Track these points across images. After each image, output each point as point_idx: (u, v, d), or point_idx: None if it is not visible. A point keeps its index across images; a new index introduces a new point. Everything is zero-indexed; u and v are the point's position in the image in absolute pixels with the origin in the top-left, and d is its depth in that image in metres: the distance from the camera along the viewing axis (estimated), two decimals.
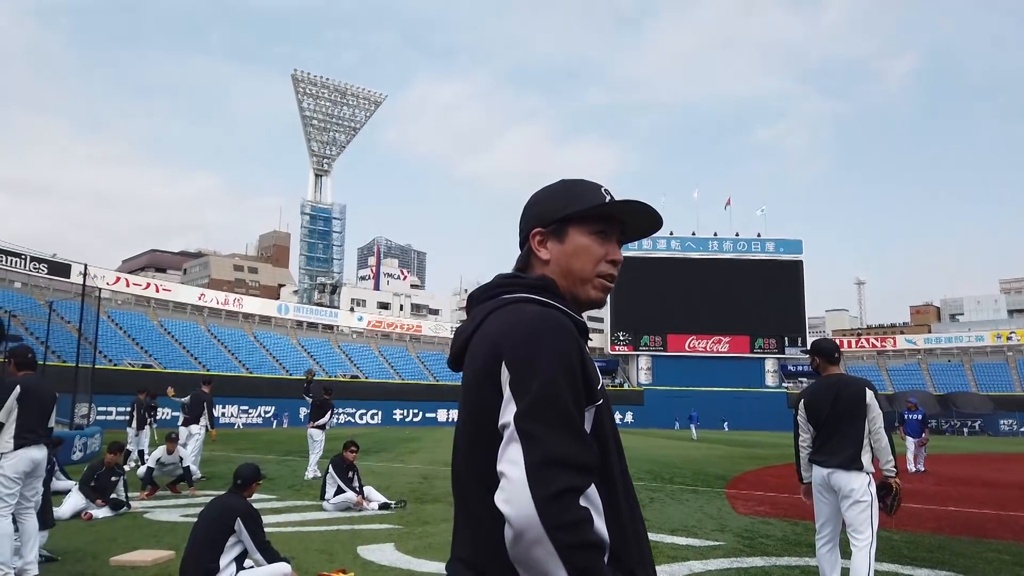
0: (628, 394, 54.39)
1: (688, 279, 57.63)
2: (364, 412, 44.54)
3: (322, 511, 8.88)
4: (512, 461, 1.06)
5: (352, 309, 64.17)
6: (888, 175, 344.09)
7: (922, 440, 16.48)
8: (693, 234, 60.48)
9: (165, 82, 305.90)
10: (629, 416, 51.38)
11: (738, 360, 58.21)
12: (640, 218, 1.37)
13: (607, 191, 1.36)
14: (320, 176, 72.66)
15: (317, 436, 13.40)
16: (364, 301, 72.65)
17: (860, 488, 4.29)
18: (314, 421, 13.51)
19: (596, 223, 1.34)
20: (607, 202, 1.33)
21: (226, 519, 5.01)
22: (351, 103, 72.68)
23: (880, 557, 5.26)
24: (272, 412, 40.64)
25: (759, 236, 60.91)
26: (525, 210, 1.42)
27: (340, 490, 9.01)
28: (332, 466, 9.17)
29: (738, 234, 60.92)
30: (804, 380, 56.21)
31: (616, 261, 1.36)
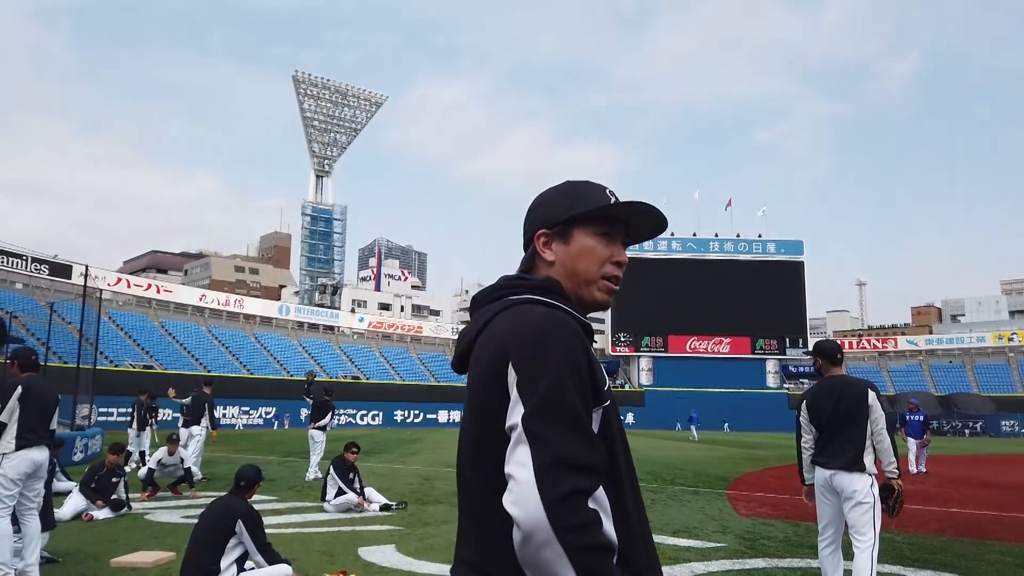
0: (629, 395, 54.32)
1: (689, 280, 57.59)
2: (365, 413, 44.54)
3: (323, 512, 8.88)
4: (520, 463, 1.05)
5: (353, 310, 64.24)
6: (889, 176, 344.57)
7: (924, 441, 16.48)
8: (694, 235, 60.44)
9: (166, 83, 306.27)
10: (630, 417, 51.34)
11: (739, 361, 58.17)
12: (645, 219, 1.37)
13: (612, 192, 1.36)
14: (321, 177, 72.75)
15: (318, 437, 13.41)
16: (365, 302, 72.77)
17: (863, 489, 4.28)
18: (315, 422, 13.53)
19: (601, 224, 1.34)
20: (612, 203, 1.33)
21: (227, 520, 5.01)
22: (352, 104, 72.76)
23: (882, 559, 5.25)
24: (273, 413, 40.64)
25: (760, 237, 60.87)
26: (529, 211, 1.41)
27: (341, 491, 9.01)
28: (333, 467, 9.18)
29: (739, 235, 60.87)
30: (805, 381, 56.18)
31: (621, 263, 1.36)
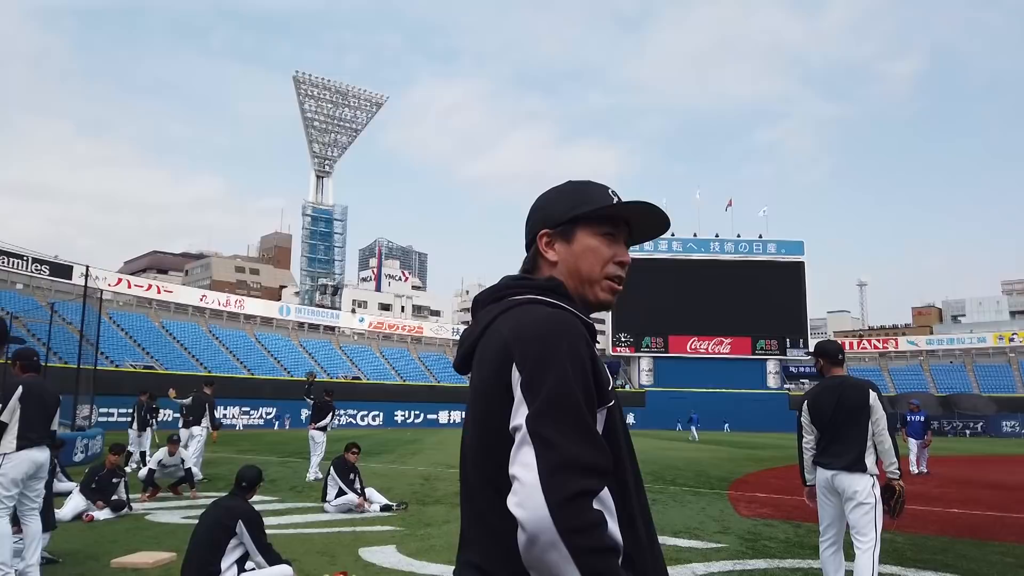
0: (630, 396, 54.27)
1: (690, 280, 57.54)
2: (365, 414, 44.51)
3: (324, 513, 8.88)
4: (525, 464, 1.04)
5: (353, 310, 64.26)
6: (890, 176, 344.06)
7: (924, 442, 16.46)
8: (695, 235, 60.39)
9: (167, 84, 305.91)
10: (631, 418, 51.24)
11: (740, 361, 58.12)
12: (648, 219, 1.37)
13: (614, 192, 1.36)
14: (321, 177, 72.75)
15: (318, 438, 13.41)
16: (365, 302, 72.77)
17: (864, 490, 4.28)
18: (315, 423, 13.53)
19: (604, 224, 1.34)
20: (615, 203, 1.33)
21: (227, 521, 5.01)
22: (352, 105, 72.76)
23: (884, 559, 5.24)
24: (273, 413, 40.63)
25: (761, 237, 60.80)
26: (532, 212, 1.41)
27: (342, 492, 9.00)
28: (333, 468, 9.17)
29: (740, 235, 60.81)
30: (806, 382, 56.13)
31: (624, 263, 1.35)
